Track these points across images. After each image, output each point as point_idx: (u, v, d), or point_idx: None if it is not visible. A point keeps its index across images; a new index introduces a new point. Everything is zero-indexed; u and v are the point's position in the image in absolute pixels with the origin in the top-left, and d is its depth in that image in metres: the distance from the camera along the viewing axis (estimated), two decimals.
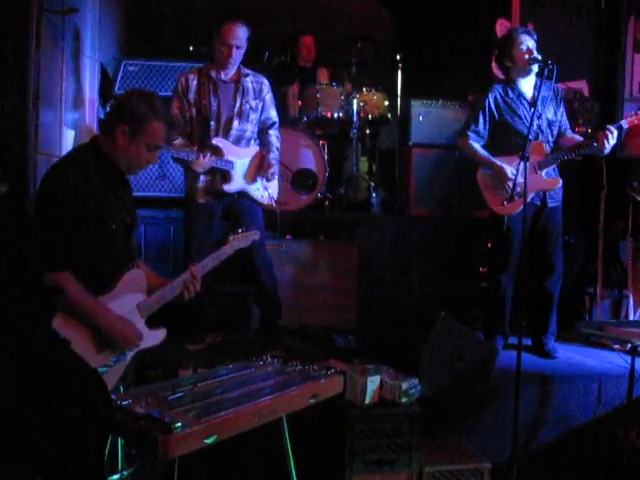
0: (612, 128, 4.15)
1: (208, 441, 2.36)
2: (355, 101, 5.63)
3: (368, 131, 5.91)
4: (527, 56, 4.29)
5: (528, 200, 4.23)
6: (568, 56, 4.43)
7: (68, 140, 4.49)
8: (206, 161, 4.11)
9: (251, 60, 5.52)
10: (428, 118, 5.47)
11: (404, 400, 3.54)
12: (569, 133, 4.53)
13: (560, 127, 4.48)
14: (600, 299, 4.98)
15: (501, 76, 5.22)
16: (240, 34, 4.18)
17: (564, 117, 4.51)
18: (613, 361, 4.47)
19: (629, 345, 4.51)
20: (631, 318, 4.91)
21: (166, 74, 5.17)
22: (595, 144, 4.19)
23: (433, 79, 6.09)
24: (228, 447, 2.70)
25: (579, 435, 4.12)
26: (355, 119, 5.66)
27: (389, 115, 5.82)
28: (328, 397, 2.94)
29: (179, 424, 2.27)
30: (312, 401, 2.80)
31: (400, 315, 4.11)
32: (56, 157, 4.03)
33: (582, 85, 5.17)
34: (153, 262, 4.90)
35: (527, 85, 4.42)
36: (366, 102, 5.70)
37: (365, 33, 5.97)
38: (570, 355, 4.62)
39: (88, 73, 4.92)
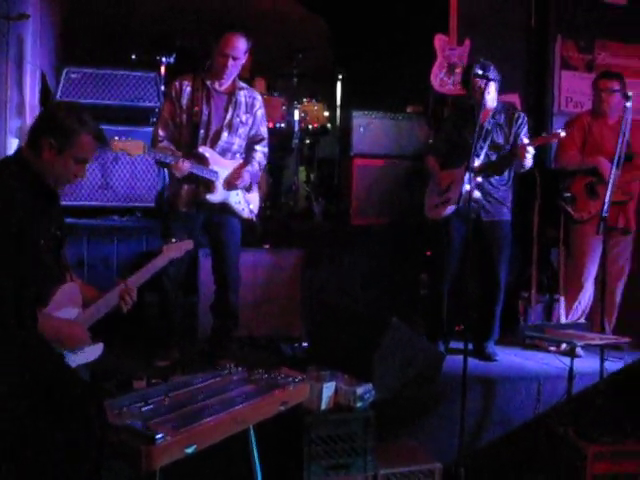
0: (527, 145, 4.41)
1: (188, 451, 2.38)
2: (296, 112, 5.72)
3: (308, 141, 5.99)
4: (479, 96, 4.44)
5: (452, 210, 4.58)
6: (502, 70, 4.61)
7: (12, 149, 4.40)
8: (185, 166, 4.05)
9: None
10: (369, 129, 5.59)
11: (359, 405, 3.64)
12: None
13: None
14: (534, 303, 5.20)
15: (440, 89, 5.46)
16: (239, 45, 4.15)
17: (519, 139, 4.67)
18: (550, 362, 4.71)
19: (564, 346, 4.78)
20: (563, 321, 5.15)
21: (109, 82, 5.11)
22: (515, 161, 4.48)
23: (373, 90, 6.22)
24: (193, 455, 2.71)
25: (521, 434, 4.31)
26: (296, 129, 5.74)
27: (329, 126, 5.92)
28: (296, 404, 3.00)
29: (160, 435, 2.29)
30: (282, 408, 2.86)
31: (350, 322, 4.22)
32: None
33: (515, 99, 5.41)
34: (96, 273, 4.85)
35: (484, 111, 4.56)
36: (307, 113, 5.79)
37: (304, 44, 6.06)
38: (509, 358, 4.83)
39: (29, 80, 4.82)
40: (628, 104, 4.36)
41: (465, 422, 3.88)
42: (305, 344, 4.75)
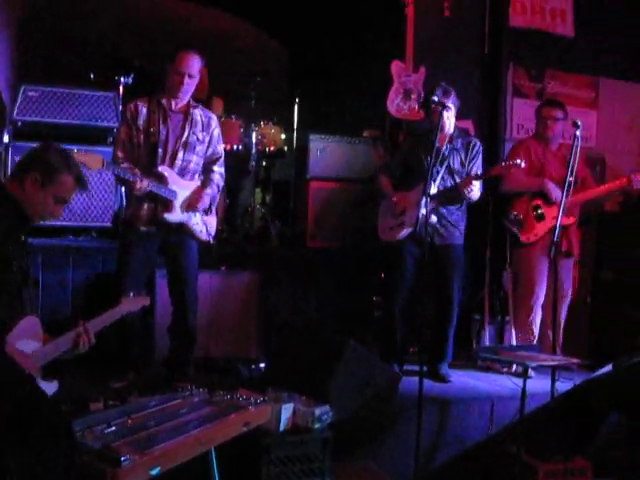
0: (472, 178, 4.59)
1: (153, 472, 2.38)
2: (254, 134, 5.75)
3: (264, 163, 6.02)
4: (437, 118, 4.57)
5: (407, 233, 4.68)
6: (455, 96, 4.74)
7: None
8: (144, 185, 4.08)
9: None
10: (325, 152, 5.65)
11: (317, 426, 3.66)
12: None
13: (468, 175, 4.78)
14: (487, 325, 5.30)
15: (396, 114, 5.57)
16: (193, 63, 4.23)
17: (474, 168, 4.82)
18: (502, 383, 4.81)
19: (515, 367, 4.88)
20: (513, 343, 5.25)
21: (67, 101, 5.07)
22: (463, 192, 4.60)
23: (330, 114, 6.29)
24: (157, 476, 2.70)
25: (475, 453, 4.39)
26: (253, 152, 5.77)
27: (285, 148, 5.97)
28: (257, 425, 3.02)
29: (125, 457, 2.29)
30: (244, 429, 2.88)
31: (307, 343, 4.25)
32: None
33: (468, 125, 5.54)
34: (51, 294, 4.79)
35: (441, 136, 4.68)
36: (264, 135, 5.82)
37: (261, 66, 6.11)
38: (463, 379, 4.91)
39: None
40: (578, 132, 4.50)
41: (420, 442, 3.94)
42: (262, 365, 4.77)
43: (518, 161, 4.52)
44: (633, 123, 6.43)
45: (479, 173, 4.74)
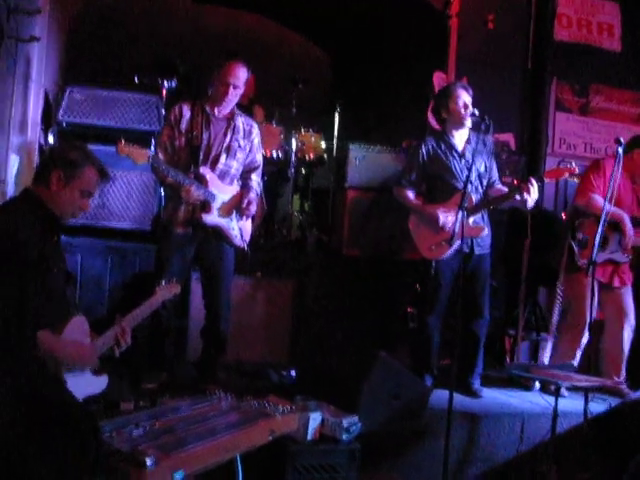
0: (533, 181, 4.39)
1: (177, 476, 2.40)
2: (294, 141, 5.78)
3: (303, 171, 6.04)
4: (463, 110, 4.56)
5: (455, 247, 4.51)
6: (497, 110, 4.72)
7: (13, 164, 4.44)
8: (197, 193, 4.13)
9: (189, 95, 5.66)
10: (365, 162, 5.63)
11: (344, 437, 3.66)
12: (497, 184, 4.81)
13: (490, 179, 4.75)
14: (520, 341, 5.24)
15: (436, 126, 5.50)
16: (240, 74, 4.26)
17: (494, 169, 4.78)
18: (534, 401, 4.75)
19: (552, 386, 4.81)
20: (547, 361, 5.17)
21: (111, 103, 5.14)
22: (518, 197, 4.40)
23: (370, 123, 6.29)
24: None
25: (505, 471, 4.34)
26: (293, 159, 5.80)
27: (325, 156, 5.98)
28: (284, 433, 3.03)
29: (150, 459, 2.31)
30: (270, 438, 2.89)
31: (339, 353, 4.27)
32: (1, 182, 4.00)
33: (509, 138, 5.50)
34: (88, 292, 4.87)
35: (459, 137, 4.69)
36: (304, 142, 5.85)
37: (304, 74, 6.13)
38: (494, 395, 4.85)
39: (33, 98, 4.87)
40: (620, 149, 4.43)
41: (449, 457, 3.91)
42: (292, 372, 4.77)
43: (573, 164, 4.40)
44: None
45: (538, 176, 4.57)
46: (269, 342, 5.02)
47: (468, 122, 4.60)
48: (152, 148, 5.15)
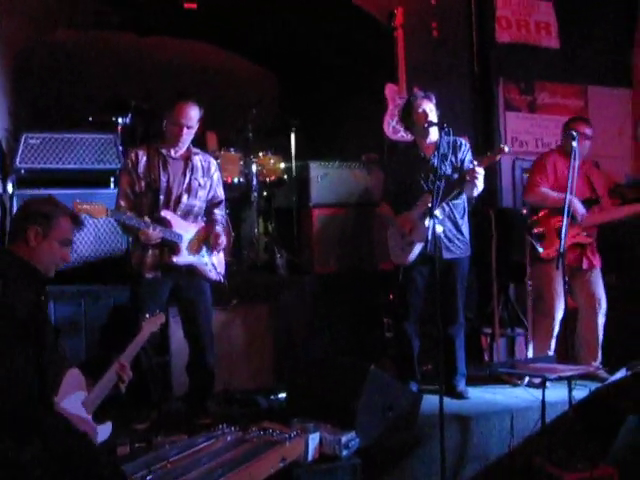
0: (478, 165, 4.49)
1: None
2: (254, 165, 5.81)
3: (265, 193, 6.07)
4: (423, 119, 4.66)
5: (418, 251, 4.66)
6: (450, 114, 4.82)
7: None
8: (156, 232, 4.12)
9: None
10: (326, 179, 5.71)
11: (344, 453, 3.70)
12: None
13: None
14: (498, 338, 5.35)
15: (392, 137, 5.63)
16: (192, 114, 4.27)
17: (464, 165, 4.79)
18: (519, 395, 4.86)
19: (533, 380, 4.92)
20: (529, 355, 5.29)
21: (68, 146, 5.10)
22: (468, 180, 4.49)
23: (326, 140, 6.35)
24: None
25: (499, 467, 4.42)
26: (254, 183, 5.82)
27: (285, 177, 6.02)
28: (294, 459, 3.05)
29: None
30: (281, 465, 2.91)
31: (327, 372, 4.29)
32: None
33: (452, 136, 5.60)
34: (65, 337, 4.79)
35: (428, 145, 4.78)
36: (263, 166, 5.88)
37: (255, 98, 6.17)
38: (480, 394, 4.93)
39: None
40: (574, 143, 4.59)
41: (445, 461, 3.98)
42: (280, 395, 4.78)
43: (502, 146, 4.52)
44: (622, 128, 6.54)
45: (476, 163, 4.60)
46: (253, 368, 5.03)
47: (432, 132, 4.70)
48: (112, 186, 5.18)
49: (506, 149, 4.48)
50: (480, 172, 4.49)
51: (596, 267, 5.22)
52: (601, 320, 5.20)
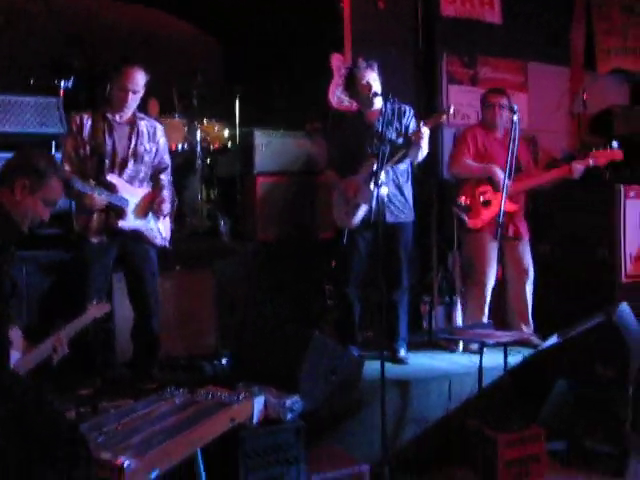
0: (423, 125, 4.62)
1: (152, 476, 2.46)
2: (198, 132, 5.78)
3: (208, 161, 6.05)
4: (367, 91, 4.73)
5: (363, 213, 4.74)
6: (394, 86, 4.88)
7: None
8: (102, 197, 4.11)
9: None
10: (270, 147, 5.74)
11: (289, 416, 3.78)
12: None
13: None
14: (437, 306, 5.51)
15: (337, 106, 5.69)
16: (138, 79, 4.25)
17: (412, 128, 4.88)
18: (457, 361, 5.03)
19: (470, 346, 5.11)
20: (459, 322, 5.48)
21: (9, 108, 4.93)
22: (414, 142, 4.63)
23: (270, 108, 6.35)
24: None
25: (437, 430, 4.58)
26: (198, 149, 5.80)
27: (229, 144, 6.01)
28: (242, 420, 3.11)
29: (127, 463, 2.36)
30: (230, 425, 2.97)
31: (271, 337, 4.37)
32: None
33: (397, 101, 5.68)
34: None
35: (371, 113, 4.86)
36: (208, 133, 5.85)
37: (199, 64, 6.12)
38: (419, 360, 5.09)
39: None
40: (515, 117, 4.72)
41: (386, 424, 4.11)
42: (224, 361, 4.84)
43: (446, 108, 4.66)
44: (560, 104, 6.73)
45: (422, 123, 4.72)
46: (197, 334, 5.04)
47: (377, 101, 4.77)
48: (53, 151, 5.08)
49: (451, 110, 4.65)
50: (425, 132, 4.60)
51: (524, 237, 5.38)
52: (529, 288, 5.40)
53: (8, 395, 1.74)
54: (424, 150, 4.70)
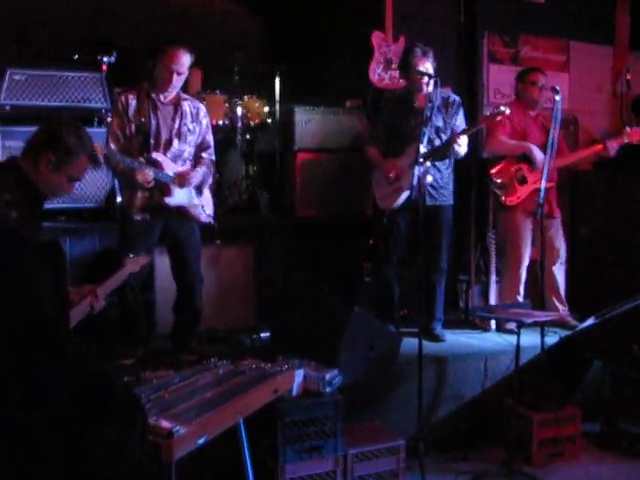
0: (459, 134, 4.73)
1: (200, 442, 2.53)
2: (239, 108, 5.82)
3: (248, 136, 6.09)
4: (419, 77, 4.74)
5: (405, 196, 4.77)
6: (436, 65, 4.88)
7: None
8: (150, 173, 4.16)
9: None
10: (310, 124, 5.78)
11: (328, 390, 3.84)
12: None
13: (453, 132, 4.91)
14: (474, 285, 5.52)
15: (378, 84, 5.69)
16: (183, 60, 4.27)
17: (457, 123, 4.97)
18: (493, 340, 5.06)
19: (506, 325, 5.13)
20: (494, 302, 5.48)
21: (54, 83, 5.04)
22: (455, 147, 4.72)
23: (312, 85, 6.37)
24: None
25: (473, 407, 4.63)
26: (239, 125, 5.85)
27: (269, 121, 6.05)
28: (285, 391, 3.18)
29: (177, 428, 2.42)
30: (274, 396, 3.04)
31: (311, 312, 4.43)
32: None
33: (448, 91, 5.68)
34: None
35: (420, 97, 4.88)
36: (248, 109, 5.90)
37: (241, 40, 6.15)
38: (456, 337, 5.13)
39: None
40: (557, 97, 4.69)
41: (422, 399, 4.16)
42: (262, 335, 4.91)
43: (502, 108, 4.56)
44: (602, 85, 6.65)
45: (465, 128, 4.85)
46: (236, 308, 5.14)
47: (427, 87, 4.78)
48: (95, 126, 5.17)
49: (507, 111, 4.59)
50: (463, 139, 4.70)
51: (557, 217, 5.38)
52: (562, 267, 5.40)
53: (70, 357, 1.81)
54: (461, 153, 4.79)
